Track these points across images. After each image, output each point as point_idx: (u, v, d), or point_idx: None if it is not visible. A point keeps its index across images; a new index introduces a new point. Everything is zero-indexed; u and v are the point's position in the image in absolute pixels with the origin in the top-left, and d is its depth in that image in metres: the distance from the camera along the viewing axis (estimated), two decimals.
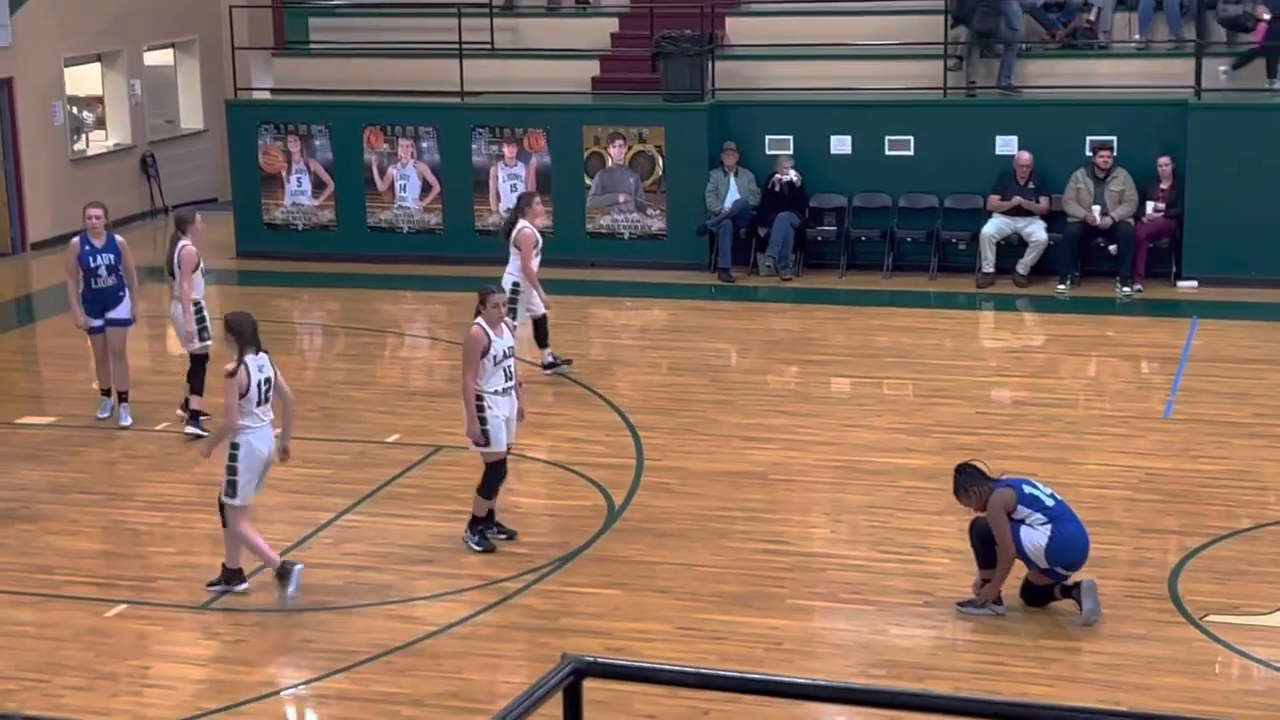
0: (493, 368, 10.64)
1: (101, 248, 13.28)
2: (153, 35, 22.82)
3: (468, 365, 10.63)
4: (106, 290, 13.31)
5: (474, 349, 10.59)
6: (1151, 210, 17.35)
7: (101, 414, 13.53)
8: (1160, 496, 11.52)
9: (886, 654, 9.28)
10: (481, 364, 10.60)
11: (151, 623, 9.86)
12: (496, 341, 10.64)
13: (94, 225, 13.30)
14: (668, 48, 18.75)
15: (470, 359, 10.62)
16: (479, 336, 10.59)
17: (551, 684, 3.22)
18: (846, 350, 15.69)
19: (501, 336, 10.72)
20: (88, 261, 13.22)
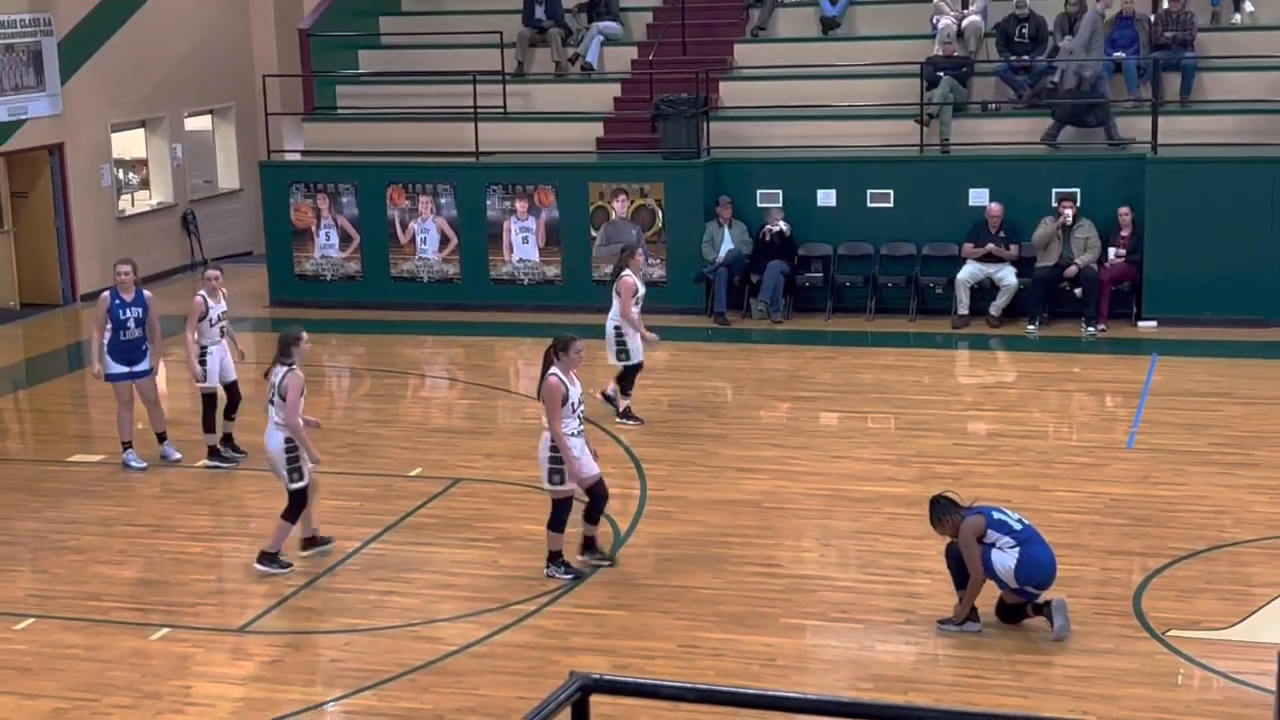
0: (570, 414, 10.36)
1: (131, 302, 13.27)
2: (192, 102, 22.92)
3: (554, 415, 10.27)
4: (133, 342, 13.27)
5: (555, 398, 10.26)
6: (1113, 256, 17.38)
7: (137, 464, 13.31)
8: (1124, 521, 11.49)
9: (873, 669, 9.24)
10: (562, 410, 10.29)
11: (192, 645, 9.84)
12: (572, 389, 10.36)
13: (124, 280, 13.28)
14: (666, 110, 18.81)
15: (554, 409, 10.26)
16: (558, 386, 10.28)
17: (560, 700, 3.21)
18: (833, 387, 15.68)
19: (574, 385, 10.43)
20: (118, 315, 13.20)
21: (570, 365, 10.41)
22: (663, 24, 20.82)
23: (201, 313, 13.27)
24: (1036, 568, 9.44)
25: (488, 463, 13.21)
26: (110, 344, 13.26)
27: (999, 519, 9.53)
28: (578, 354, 10.46)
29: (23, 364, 18.18)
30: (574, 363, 10.42)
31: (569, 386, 10.36)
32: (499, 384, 16.17)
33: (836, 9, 20.28)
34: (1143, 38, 18.65)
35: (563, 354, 10.37)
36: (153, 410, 13.54)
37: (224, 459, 13.38)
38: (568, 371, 10.40)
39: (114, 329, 13.23)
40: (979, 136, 18.67)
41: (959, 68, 18.75)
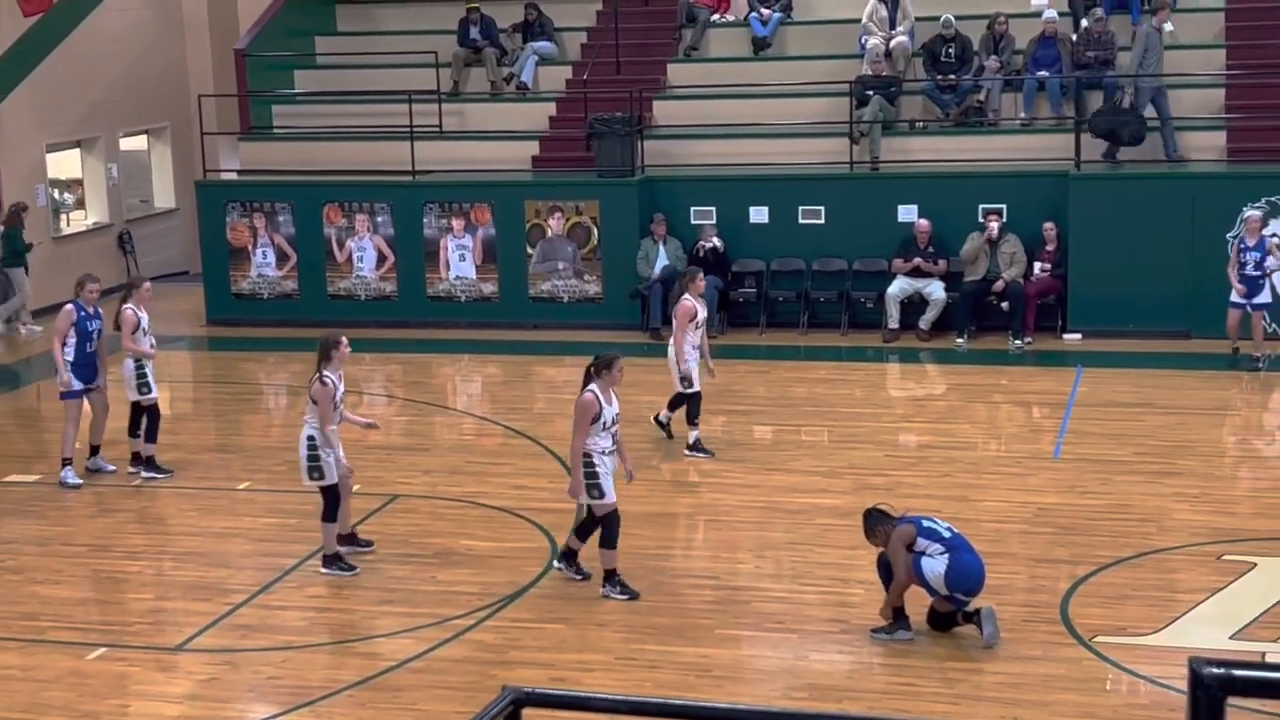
0: (602, 431, 10.23)
1: (95, 315, 13.32)
2: (128, 122, 22.72)
3: (579, 429, 10.19)
4: (94, 356, 13.30)
5: (587, 414, 10.17)
6: (1039, 270, 17.54)
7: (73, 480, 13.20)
8: (1052, 529, 11.58)
9: (807, 678, 9.25)
10: (591, 428, 10.19)
11: (130, 664, 9.71)
12: (607, 409, 10.23)
13: (92, 296, 13.34)
14: (601, 128, 18.82)
15: (582, 423, 10.18)
16: (592, 403, 10.18)
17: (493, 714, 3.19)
18: (767, 401, 15.72)
19: (612, 404, 10.30)
20: (86, 327, 13.23)
21: (611, 383, 10.32)
22: (597, 44, 20.84)
23: (134, 325, 13.18)
24: (965, 574, 9.49)
25: (425, 479, 13.14)
26: (75, 359, 13.20)
27: (928, 527, 9.61)
28: (619, 372, 10.40)
29: None
30: (615, 380, 10.34)
31: (604, 405, 10.22)
32: (436, 401, 16.09)
33: (767, 29, 20.38)
34: (1065, 57, 18.85)
35: (605, 372, 10.28)
36: (100, 421, 13.53)
37: (162, 470, 13.29)
38: (607, 389, 10.29)
39: (79, 342, 13.19)
40: (907, 154, 18.81)
41: (888, 87, 18.88)
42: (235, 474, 13.55)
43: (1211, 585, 10.36)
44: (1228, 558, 10.84)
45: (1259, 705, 7.16)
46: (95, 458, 13.55)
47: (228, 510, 12.69)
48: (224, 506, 12.78)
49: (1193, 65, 18.81)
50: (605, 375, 10.29)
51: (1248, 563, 10.72)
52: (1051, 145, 18.25)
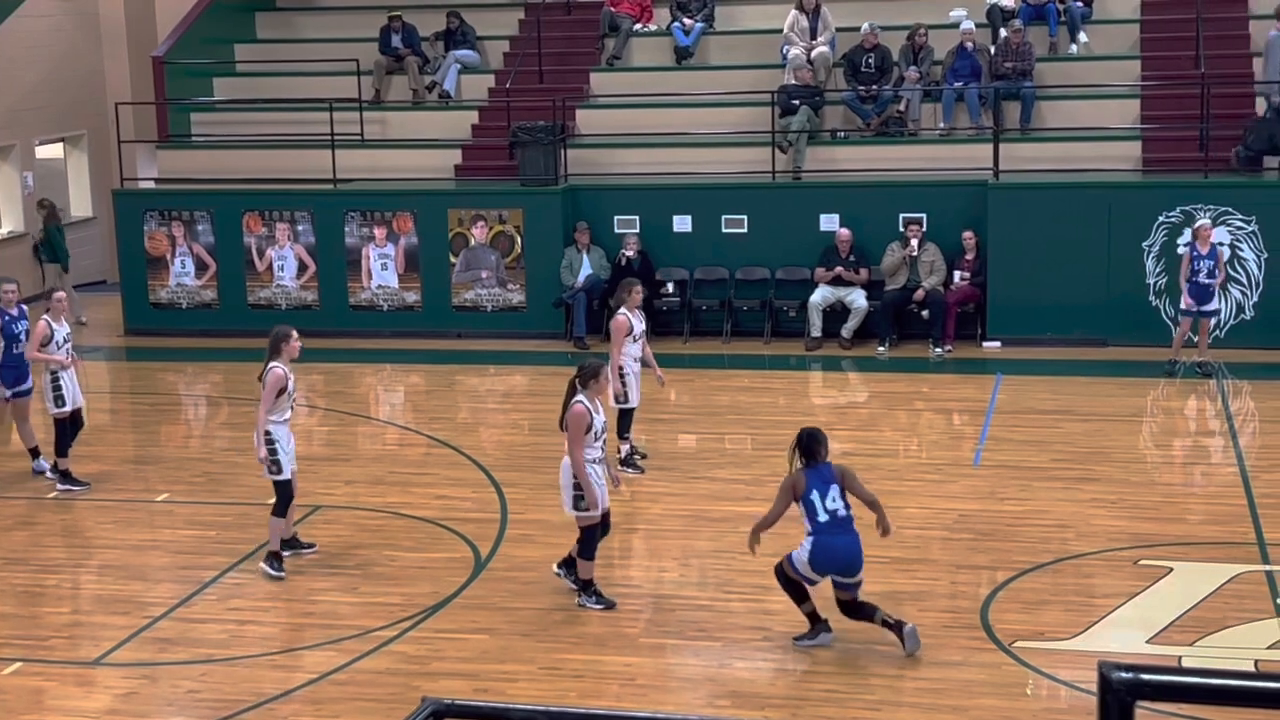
0: (593, 441, 10.14)
1: (19, 316, 13.35)
2: (44, 130, 22.43)
3: (576, 441, 10.03)
4: (21, 357, 13.28)
5: (581, 425, 10.03)
6: (958, 279, 17.72)
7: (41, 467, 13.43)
8: (972, 535, 11.70)
9: (731, 685, 9.29)
10: (585, 437, 10.08)
11: (46, 679, 9.57)
12: (597, 418, 10.15)
13: (9, 298, 13.34)
14: (524, 137, 18.81)
15: (578, 436, 10.03)
16: (584, 414, 10.06)
17: None
18: (691, 409, 15.77)
19: (599, 413, 10.23)
20: (11, 330, 13.23)
21: (597, 392, 10.25)
22: (519, 53, 20.84)
23: (46, 336, 13.04)
24: (829, 555, 9.33)
25: (347, 489, 13.06)
26: (3, 362, 13.18)
27: (811, 500, 9.36)
28: (606, 380, 10.39)
29: None
30: (601, 389, 10.29)
31: (594, 415, 10.14)
32: (358, 410, 16.00)
33: (689, 39, 20.46)
34: (983, 68, 19.08)
35: (591, 381, 10.19)
36: (24, 427, 13.57)
37: (78, 481, 13.15)
38: (594, 399, 10.21)
39: (6, 345, 13.15)
40: (829, 163, 18.94)
41: (812, 96, 19.01)
42: (153, 486, 13.41)
43: (1129, 590, 10.51)
44: (1144, 563, 11.00)
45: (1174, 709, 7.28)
46: (38, 459, 13.57)
47: (146, 522, 12.55)
48: (142, 519, 12.63)
49: (1108, 76, 19.09)
50: (592, 385, 10.19)
51: (1164, 567, 10.88)
52: (970, 155, 18.45)
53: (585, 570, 10.37)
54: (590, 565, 10.36)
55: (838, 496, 9.40)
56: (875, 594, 10.44)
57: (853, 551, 9.41)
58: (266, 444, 10.94)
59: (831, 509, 9.37)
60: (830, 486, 9.40)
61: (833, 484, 9.41)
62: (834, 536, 9.35)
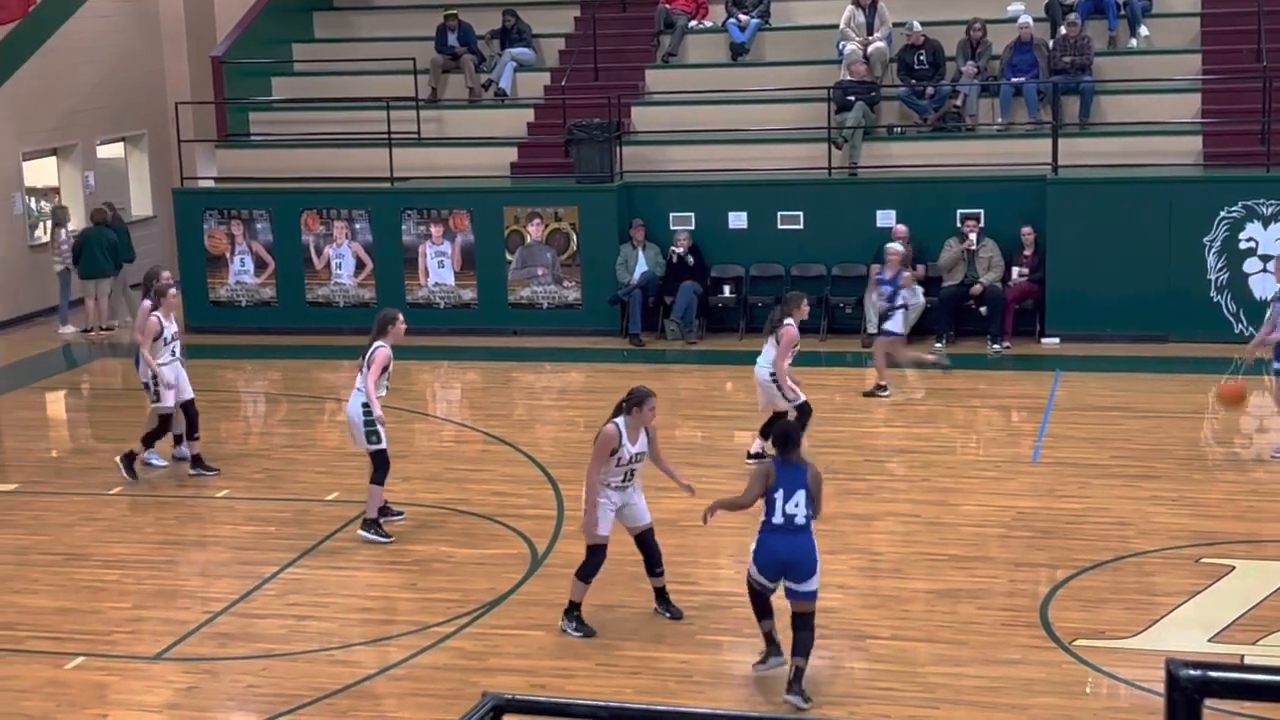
0: (615, 467, 9.78)
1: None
2: (105, 130, 22.65)
3: (596, 459, 9.72)
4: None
5: (605, 447, 9.68)
6: (1017, 275, 17.61)
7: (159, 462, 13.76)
8: (1030, 533, 11.62)
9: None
10: (609, 459, 9.73)
11: (108, 674, 9.67)
12: (627, 446, 9.73)
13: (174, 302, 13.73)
14: (579, 135, 18.83)
15: (600, 455, 9.70)
16: (613, 436, 9.67)
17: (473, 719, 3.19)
18: (747, 406, 15.69)
19: (635, 443, 9.79)
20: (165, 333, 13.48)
21: (641, 421, 9.79)
22: (575, 50, 20.87)
23: (156, 332, 13.23)
24: (761, 553, 9.05)
25: (404, 486, 13.12)
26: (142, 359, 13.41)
27: (775, 498, 8.99)
28: (651, 411, 9.82)
29: None
30: (645, 419, 9.78)
31: (624, 442, 9.71)
32: (415, 407, 16.06)
33: (745, 35, 20.42)
34: (1042, 62, 18.94)
35: (636, 409, 9.76)
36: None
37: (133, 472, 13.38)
38: (635, 427, 9.77)
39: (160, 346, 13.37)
40: (885, 159, 18.85)
41: (868, 91, 18.93)
42: (214, 482, 13.51)
43: (1190, 588, 10.40)
44: (1206, 561, 10.89)
45: (1236, 708, 7.20)
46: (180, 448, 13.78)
47: (206, 518, 12.66)
48: (203, 514, 12.75)
49: (1168, 70, 18.90)
50: (635, 412, 9.76)
51: (1226, 566, 10.77)
52: (1029, 150, 18.32)
53: (576, 591, 9.96)
54: (584, 588, 9.95)
55: (801, 502, 8.98)
56: (933, 592, 10.42)
57: (799, 556, 8.95)
58: (366, 416, 11.46)
59: (790, 513, 8.96)
60: (798, 491, 8.97)
61: (801, 489, 8.98)
62: (780, 540, 8.96)
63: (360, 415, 11.56)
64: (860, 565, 11.12)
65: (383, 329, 11.66)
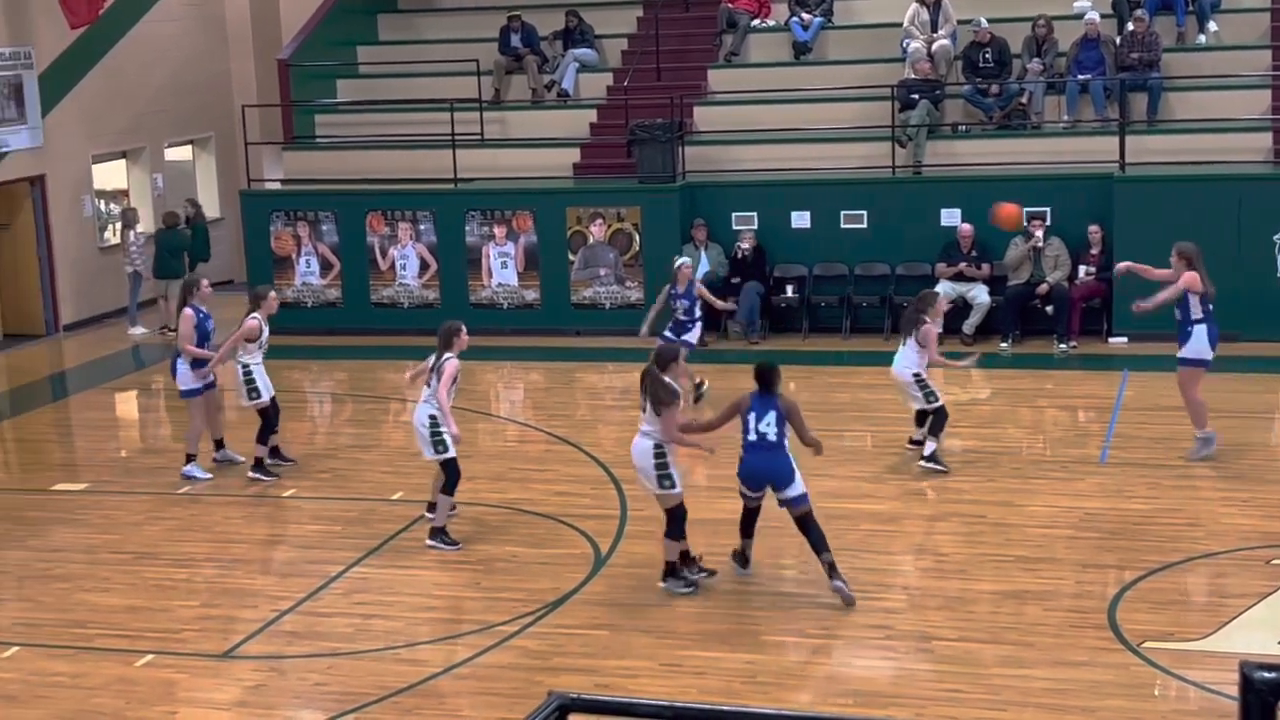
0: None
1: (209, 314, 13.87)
2: (173, 132, 22.90)
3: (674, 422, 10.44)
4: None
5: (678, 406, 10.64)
6: (1084, 274, 17.45)
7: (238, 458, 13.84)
8: (1098, 534, 11.51)
9: (852, 684, 9.23)
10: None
11: (177, 671, 9.77)
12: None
13: (207, 295, 13.90)
14: (642, 135, 18.85)
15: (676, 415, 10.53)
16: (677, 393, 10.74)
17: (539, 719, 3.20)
18: (809, 406, 15.55)
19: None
20: (205, 326, 13.69)
21: (677, 374, 11.06)
22: (637, 50, 20.89)
23: (254, 332, 13.53)
24: (748, 469, 10.38)
25: (468, 485, 13.13)
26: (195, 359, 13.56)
27: (748, 419, 10.27)
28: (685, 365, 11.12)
29: (6, 394, 18.09)
30: (682, 371, 11.01)
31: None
32: (479, 407, 16.12)
33: (808, 34, 20.36)
34: (1109, 59, 18.76)
35: (672, 364, 10.83)
36: (217, 418, 14.10)
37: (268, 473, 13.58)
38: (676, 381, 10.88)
39: (198, 342, 13.59)
40: (950, 158, 18.75)
41: (932, 90, 18.83)
42: (280, 481, 13.62)
43: (1261, 590, 10.27)
44: (1277, 562, 10.75)
45: None
46: (223, 450, 14.00)
47: (273, 517, 12.77)
48: (270, 514, 12.86)
49: (1238, 66, 18.67)
50: (672, 367, 10.80)
51: None
52: (1095, 148, 18.16)
53: (671, 551, 10.54)
54: (677, 546, 10.51)
55: (773, 422, 10.23)
56: (1000, 593, 10.34)
57: (772, 467, 10.29)
58: (432, 427, 11.58)
59: (762, 431, 10.24)
60: (769, 412, 10.27)
61: (772, 410, 10.27)
62: (755, 455, 10.28)
63: (427, 426, 11.62)
64: (925, 566, 11.06)
65: (448, 341, 11.74)
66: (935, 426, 13.12)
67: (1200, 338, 12.96)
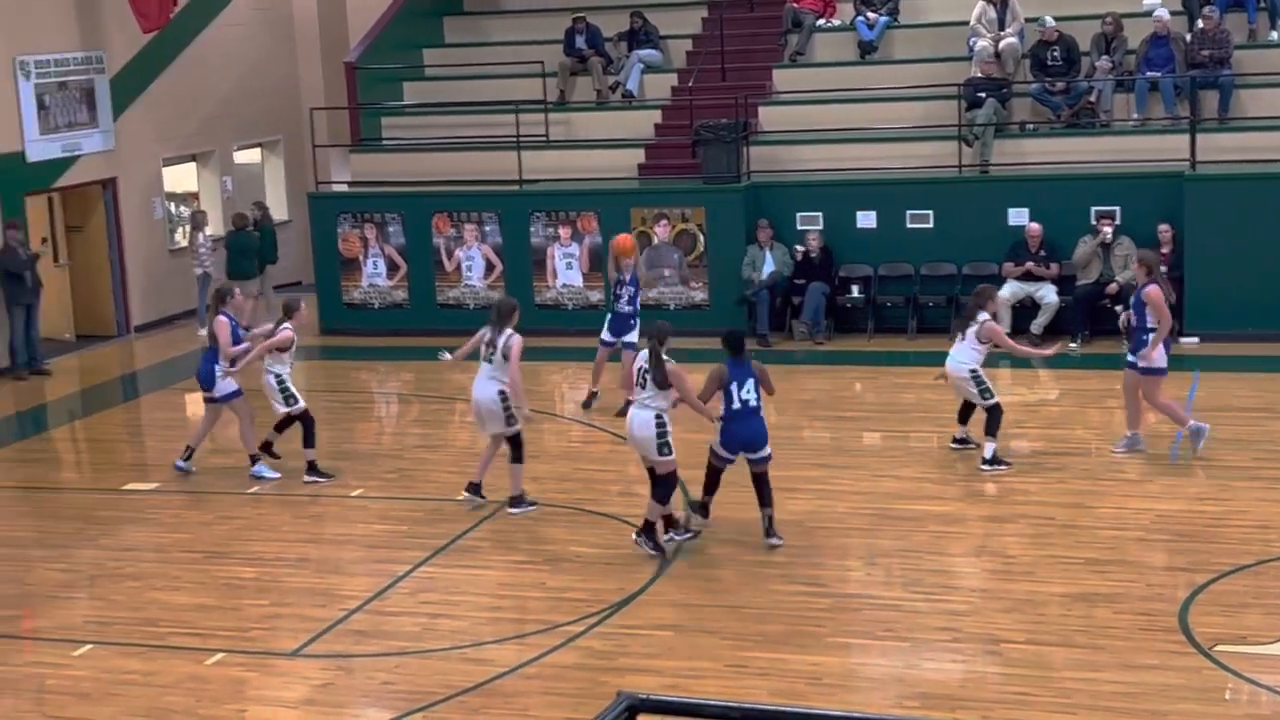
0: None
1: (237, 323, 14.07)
2: (242, 135, 23.12)
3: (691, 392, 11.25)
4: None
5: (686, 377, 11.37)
6: None
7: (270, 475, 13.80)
8: (1170, 536, 11.40)
9: (919, 686, 9.18)
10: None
11: (247, 669, 9.87)
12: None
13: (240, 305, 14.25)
14: (707, 135, 18.84)
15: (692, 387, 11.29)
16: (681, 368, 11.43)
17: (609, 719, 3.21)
18: (875, 407, 15.62)
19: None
20: (238, 335, 13.84)
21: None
22: (702, 51, 20.87)
23: (287, 345, 13.62)
24: (733, 436, 11.23)
25: (533, 485, 13.20)
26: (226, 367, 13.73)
27: (731, 389, 11.12)
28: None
29: (78, 395, 18.34)
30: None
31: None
32: (544, 408, 16.17)
33: (874, 33, 20.28)
34: (1179, 56, 18.56)
35: (668, 338, 11.44)
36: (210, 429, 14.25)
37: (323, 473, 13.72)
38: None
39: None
40: (1017, 157, 18.61)
41: (999, 88, 18.70)
42: (348, 481, 13.73)
43: None
44: None
45: None
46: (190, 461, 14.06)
47: (341, 517, 12.87)
48: (337, 513, 12.96)
49: None
50: (668, 341, 11.42)
51: None
52: (1166, 146, 17.96)
53: (654, 512, 11.27)
54: (659, 509, 11.26)
55: (752, 388, 11.18)
56: (1068, 595, 10.26)
57: (759, 432, 11.27)
58: (503, 400, 12.10)
59: (745, 399, 11.16)
60: (748, 379, 11.18)
61: (750, 377, 11.18)
62: (740, 422, 11.17)
63: (499, 402, 12.12)
64: (993, 568, 10.99)
65: (510, 316, 12.34)
66: (991, 427, 13.05)
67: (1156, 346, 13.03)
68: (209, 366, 13.77)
